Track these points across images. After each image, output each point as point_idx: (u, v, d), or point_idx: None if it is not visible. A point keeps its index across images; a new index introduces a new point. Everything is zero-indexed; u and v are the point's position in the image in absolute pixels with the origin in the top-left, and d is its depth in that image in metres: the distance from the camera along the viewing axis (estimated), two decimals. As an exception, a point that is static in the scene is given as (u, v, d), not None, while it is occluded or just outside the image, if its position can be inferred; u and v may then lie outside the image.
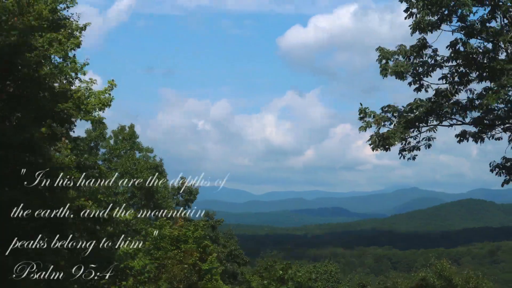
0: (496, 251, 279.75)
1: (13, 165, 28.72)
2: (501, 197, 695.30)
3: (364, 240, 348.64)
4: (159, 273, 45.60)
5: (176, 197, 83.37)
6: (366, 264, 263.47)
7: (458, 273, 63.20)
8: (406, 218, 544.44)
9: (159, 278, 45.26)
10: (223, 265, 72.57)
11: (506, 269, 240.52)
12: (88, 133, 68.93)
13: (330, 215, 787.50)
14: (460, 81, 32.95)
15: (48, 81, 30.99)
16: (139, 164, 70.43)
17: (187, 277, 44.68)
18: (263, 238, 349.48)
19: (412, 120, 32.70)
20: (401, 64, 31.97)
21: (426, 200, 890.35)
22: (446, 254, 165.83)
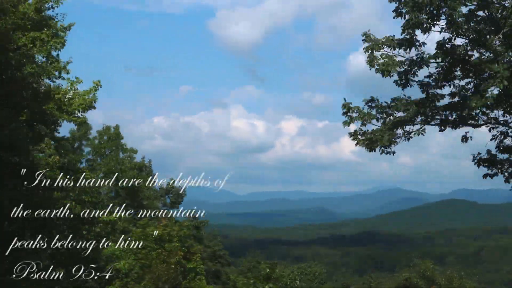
0: (479, 251, 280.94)
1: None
2: (484, 197, 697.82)
3: (347, 241, 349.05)
4: (143, 274, 45.42)
5: (163, 198, 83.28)
6: (350, 265, 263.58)
7: (441, 273, 63.45)
8: (389, 218, 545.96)
9: (143, 279, 45.09)
10: (206, 264, 72.60)
11: (489, 269, 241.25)
12: (72, 133, 68.70)
13: (314, 215, 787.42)
14: (445, 78, 32.97)
15: (32, 81, 30.85)
16: (123, 164, 70.32)
17: (172, 277, 44.52)
18: (246, 238, 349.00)
19: (400, 121, 32.65)
20: (388, 62, 31.89)
21: (409, 200, 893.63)
22: (429, 254, 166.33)
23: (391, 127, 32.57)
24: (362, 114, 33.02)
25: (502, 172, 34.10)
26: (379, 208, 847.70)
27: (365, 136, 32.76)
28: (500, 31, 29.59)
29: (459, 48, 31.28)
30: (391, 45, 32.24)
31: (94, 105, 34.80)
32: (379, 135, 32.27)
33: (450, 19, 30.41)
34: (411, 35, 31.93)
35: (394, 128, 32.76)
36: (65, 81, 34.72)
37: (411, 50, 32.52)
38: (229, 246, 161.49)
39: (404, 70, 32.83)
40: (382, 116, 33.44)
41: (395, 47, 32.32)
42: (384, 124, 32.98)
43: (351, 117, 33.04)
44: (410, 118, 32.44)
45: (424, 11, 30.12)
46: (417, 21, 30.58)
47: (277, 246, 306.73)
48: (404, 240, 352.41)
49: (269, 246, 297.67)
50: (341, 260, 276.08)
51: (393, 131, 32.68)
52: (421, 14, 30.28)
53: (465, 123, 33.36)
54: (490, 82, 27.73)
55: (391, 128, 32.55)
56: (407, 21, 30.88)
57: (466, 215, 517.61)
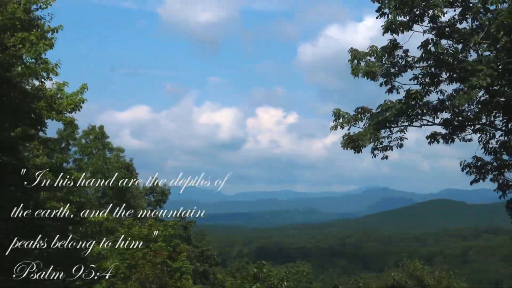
0: (468, 251, 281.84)
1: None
2: (472, 197, 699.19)
3: (336, 240, 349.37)
4: (129, 274, 45.39)
5: (147, 197, 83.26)
6: (338, 264, 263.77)
7: (430, 273, 63.60)
8: (378, 218, 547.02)
9: (129, 279, 45.05)
10: (193, 264, 72.59)
11: (477, 269, 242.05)
12: (59, 133, 68.65)
13: (303, 215, 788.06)
14: (431, 82, 33.23)
15: (20, 81, 30.85)
16: (110, 163, 70.25)
17: (159, 277, 44.50)
18: (235, 238, 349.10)
19: (382, 121, 32.85)
20: (372, 65, 32.12)
21: (397, 200, 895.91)
22: (418, 254, 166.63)
23: (374, 127, 32.82)
24: (349, 117, 33.29)
25: (488, 174, 34.42)
26: (367, 208, 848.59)
27: (349, 138, 33.01)
28: (483, 32, 29.88)
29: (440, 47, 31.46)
30: (376, 55, 32.51)
31: (81, 106, 34.77)
32: (361, 135, 32.53)
33: (433, 19, 30.70)
34: (393, 39, 32.23)
35: (377, 130, 32.99)
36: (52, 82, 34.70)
37: (395, 53, 32.82)
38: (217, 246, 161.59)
39: (388, 72, 33.13)
40: (369, 120, 33.71)
41: (380, 56, 32.59)
42: (369, 125, 33.26)
43: (339, 122, 33.34)
44: (393, 118, 32.68)
45: (407, 10, 30.33)
46: (399, 22, 30.87)
47: (265, 247, 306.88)
48: (393, 240, 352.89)
49: (257, 247, 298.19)
50: (330, 260, 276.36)
51: (377, 132, 32.93)
52: (404, 13, 30.53)
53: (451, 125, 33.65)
54: (474, 80, 27.92)
55: (376, 129, 32.79)
56: (389, 21, 31.12)
57: (454, 215, 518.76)
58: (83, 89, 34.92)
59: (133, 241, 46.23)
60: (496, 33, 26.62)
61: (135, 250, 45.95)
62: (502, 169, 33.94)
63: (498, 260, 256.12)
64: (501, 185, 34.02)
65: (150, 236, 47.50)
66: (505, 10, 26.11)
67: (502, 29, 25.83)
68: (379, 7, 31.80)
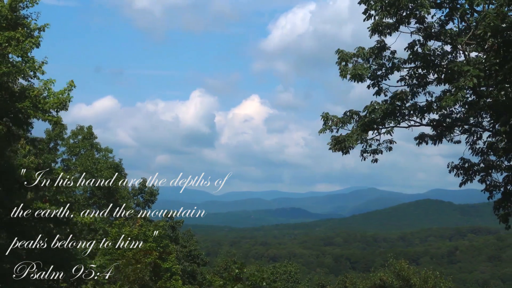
0: (454, 251, 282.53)
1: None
2: (459, 197, 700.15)
3: (323, 241, 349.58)
4: (117, 274, 45.26)
5: (136, 197, 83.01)
6: (325, 264, 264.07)
7: (416, 273, 63.66)
8: (364, 218, 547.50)
9: (117, 279, 44.94)
10: (181, 264, 72.48)
11: (463, 269, 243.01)
12: (48, 133, 68.49)
13: (289, 215, 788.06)
14: (419, 83, 33.33)
15: (7, 80, 30.68)
16: (99, 164, 70.04)
17: (140, 277, 44.35)
18: (222, 238, 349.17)
19: (369, 122, 32.92)
20: (359, 67, 32.16)
21: (384, 200, 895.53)
22: (404, 254, 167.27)
23: (361, 129, 32.91)
24: (337, 119, 33.36)
25: (476, 175, 34.57)
26: (354, 208, 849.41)
27: (336, 139, 33.09)
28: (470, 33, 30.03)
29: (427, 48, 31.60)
30: (363, 56, 32.56)
31: (68, 105, 34.43)
32: (348, 136, 32.62)
33: (420, 20, 30.83)
34: (381, 40, 32.33)
35: (364, 131, 33.09)
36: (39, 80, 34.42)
37: (382, 54, 32.92)
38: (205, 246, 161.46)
39: (375, 74, 33.22)
40: (357, 122, 33.81)
41: (367, 57, 32.66)
42: (356, 127, 33.35)
43: (328, 125, 33.43)
44: (380, 120, 32.78)
45: (393, 12, 30.42)
46: (386, 24, 30.99)
47: (253, 246, 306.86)
48: (379, 240, 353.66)
49: (244, 246, 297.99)
50: (316, 260, 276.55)
51: (363, 132, 33.02)
52: (390, 14, 30.62)
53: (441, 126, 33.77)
54: (462, 81, 27.99)
55: (361, 129, 32.89)
56: (375, 23, 31.23)
57: (441, 215, 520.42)
58: (71, 86, 34.39)
59: (123, 241, 46.16)
60: (483, 35, 26.75)
61: (124, 250, 45.87)
62: (490, 170, 34.07)
63: (484, 260, 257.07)
64: (488, 186, 34.15)
65: (140, 236, 47.44)
66: (492, 12, 26.19)
67: (489, 31, 25.91)
68: (366, 9, 31.89)
